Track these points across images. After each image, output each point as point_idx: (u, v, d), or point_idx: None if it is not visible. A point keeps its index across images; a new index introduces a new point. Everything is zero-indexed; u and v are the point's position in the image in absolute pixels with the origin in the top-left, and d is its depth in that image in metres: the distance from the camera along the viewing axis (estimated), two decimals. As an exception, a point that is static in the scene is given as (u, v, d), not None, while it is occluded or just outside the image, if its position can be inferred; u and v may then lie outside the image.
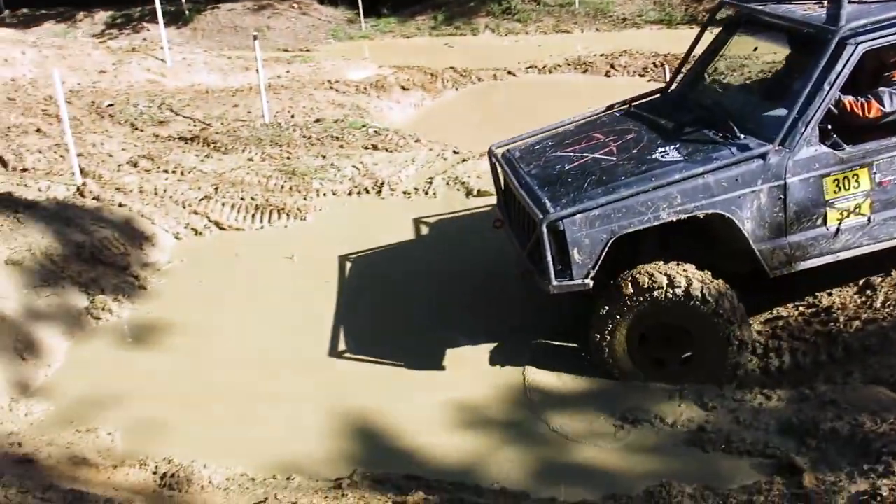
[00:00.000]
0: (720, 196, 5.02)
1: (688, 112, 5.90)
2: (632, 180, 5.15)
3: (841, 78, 5.04)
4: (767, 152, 5.02)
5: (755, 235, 5.11)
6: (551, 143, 6.13)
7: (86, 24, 19.60)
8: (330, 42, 17.77)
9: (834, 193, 5.13)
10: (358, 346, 6.01)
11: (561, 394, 5.36)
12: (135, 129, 10.36)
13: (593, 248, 5.05)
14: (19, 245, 6.74)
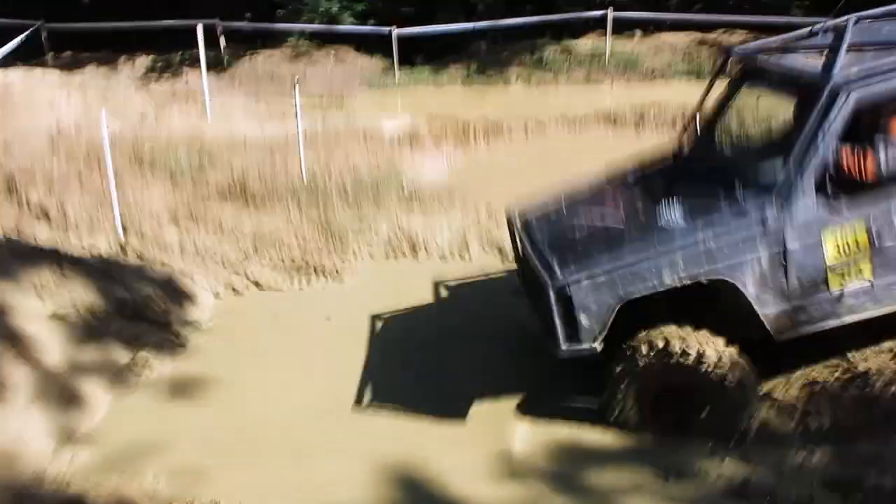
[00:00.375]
0: (722, 262, 5.09)
1: (696, 173, 5.97)
2: (637, 245, 5.23)
3: (836, 127, 5.05)
4: (766, 215, 5.06)
5: (759, 300, 5.14)
6: (565, 207, 6.23)
7: (127, 68, 20.02)
8: (364, 90, 18.03)
9: (835, 258, 5.14)
10: (394, 401, 6.13)
11: (602, 448, 5.42)
12: (174, 180, 10.55)
13: (600, 313, 5.14)
14: (64, 301, 6.92)
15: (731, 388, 5.13)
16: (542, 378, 6.16)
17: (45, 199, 9.38)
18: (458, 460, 5.37)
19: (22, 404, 5.88)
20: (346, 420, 6.00)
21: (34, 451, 5.60)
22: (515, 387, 6.14)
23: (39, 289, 6.95)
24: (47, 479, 5.24)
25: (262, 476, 5.37)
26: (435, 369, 6.54)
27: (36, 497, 4.95)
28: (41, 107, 12.13)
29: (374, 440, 5.68)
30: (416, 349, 6.86)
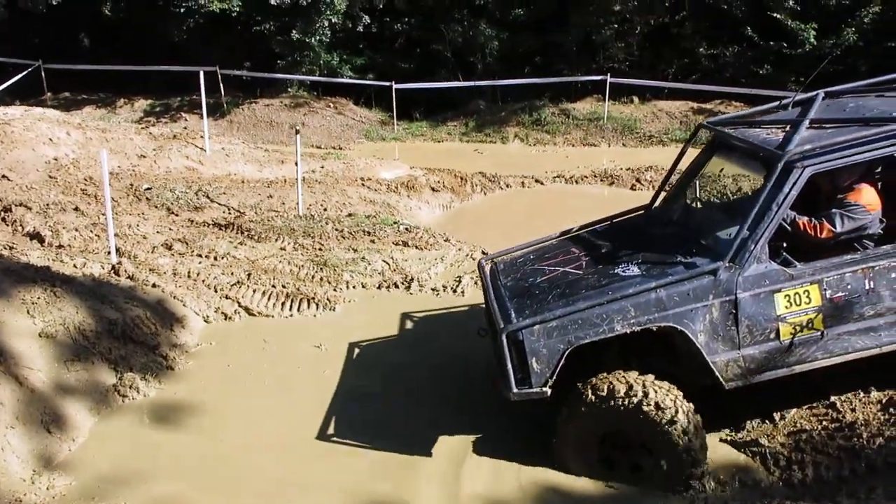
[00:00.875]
0: (672, 310, 5.21)
1: (660, 229, 6.23)
2: (591, 293, 5.39)
3: (788, 199, 5.25)
4: (718, 269, 5.19)
5: (709, 348, 5.25)
6: (532, 257, 6.47)
7: (125, 111, 20.25)
8: (362, 142, 18.25)
9: (785, 309, 5.26)
10: (376, 434, 6.03)
11: (580, 489, 5.34)
12: (171, 213, 10.57)
13: (551, 358, 5.26)
14: (54, 318, 6.82)
15: (675, 435, 5.12)
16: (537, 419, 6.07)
17: (39, 223, 9.34)
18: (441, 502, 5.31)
19: (4, 424, 5.74)
20: (328, 454, 5.88)
21: (13, 476, 5.45)
22: (506, 427, 6.06)
23: (30, 306, 6.86)
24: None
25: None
26: (424, 403, 6.45)
27: (11, 528, 4.79)
28: (40, 142, 12.18)
29: (355, 475, 5.59)
30: (404, 381, 6.78)
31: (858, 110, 5.86)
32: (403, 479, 5.54)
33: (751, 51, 18.34)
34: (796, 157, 5.27)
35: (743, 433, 5.78)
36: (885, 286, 5.31)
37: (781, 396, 5.88)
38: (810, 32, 17.22)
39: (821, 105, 6.14)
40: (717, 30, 18.89)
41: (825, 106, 6.16)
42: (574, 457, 5.41)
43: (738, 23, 18.33)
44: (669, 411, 5.12)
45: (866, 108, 5.83)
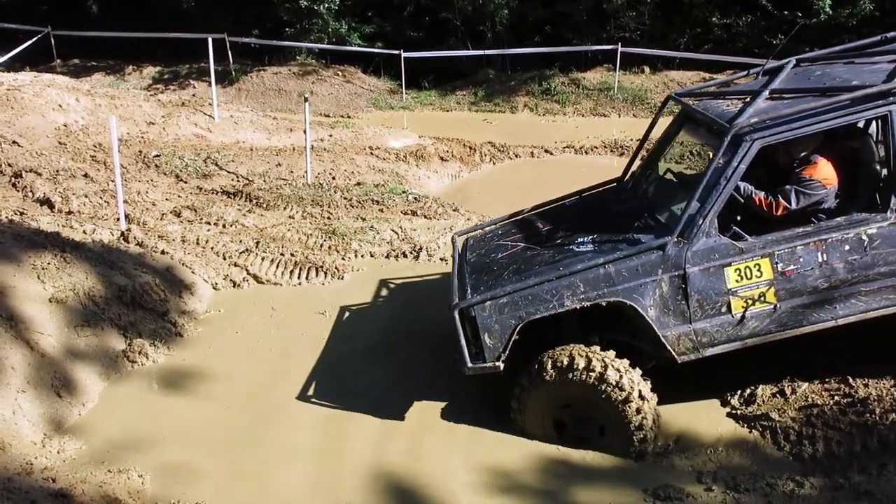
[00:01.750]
0: (621, 285, 5.25)
1: (622, 203, 6.22)
2: (543, 269, 5.46)
3: (737, 173, 5.20)
4: (666, 244, 5.20)
5: (659, 322, 5.29)
6: (501, 232, 6.58)
7: (134, 78, 20.19)
8: (371, 110, 18.17)
9: (736, 283, 5.24)
10: (382, 400, 6.09)
11: (588, 467, 5.38)
12: (179, 180, 10.58)
13: (503, 333, 5.37)
14: (64, 284, 6.85)
15: (630, 406, 5.24)
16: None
17: (49, 189, 9.36)
18: (450, 470, 5.36)
19: (16, 388, 5.80)
20: (329, 419, 5.93)
21: (24, 439, 5.52)
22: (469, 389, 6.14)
23: (40, 271, 6.89)
24: (35, 470, 5.14)
25: (243, 479, 5.32)
26: (431, 368, 6.49)
27: (23, 490, 4.83)
28: (50, 108, 12.17)
29: (359, 441, 5.65)
30: (412, 347, 6.81)
31: (822, 79, 5.75)
32: (420, 449, 5.59)
33: (764, 20, 18.11)
34: (745, 129, 5.20)
35: (753, 407, 5.76)
36: (838, 259, 5.24)
37: (793, 370, 5.87)
38: (825, 2, 16.98)
39: (788, 74, 6.05)
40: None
41: (793, 75, 6.06)
42: (530, 422, 5.54)
43: (752, -9, 18.12)
44: (625, 385, 5.23)
45: (830, 77, 5.71)
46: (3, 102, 11.62)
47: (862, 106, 5.14)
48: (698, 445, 5.52)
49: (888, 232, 5.18)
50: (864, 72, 5.62)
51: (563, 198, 6.85)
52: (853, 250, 5.21)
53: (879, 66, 5.67)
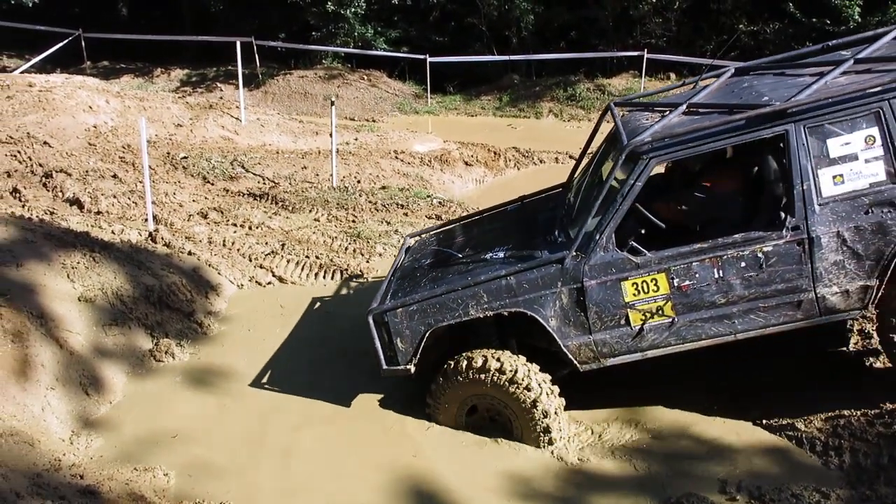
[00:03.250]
0: (523, 296, 5.42)
1: (548, 212, 6.35)
2: (453, 278, 5.70)
3: (633, 190, 5.23)
4: (565, 257, 5.33)
5: (561, 332, 5.45)
6: (442, 237, 6.84)
7: (162, 80, 20.39)
8: (396, 114, 18.23)
9: (633, 296, 5.33)
10: (406, 403, 6.14)
11: (609, 476, 5.40)
12: (206, 182, 10.67)
13: (413, 339, 5.64)
14: (93, 283, 6.96)
15: (538, 406, 5.48)
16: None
17: (79, 189, 9.48)
18: (466, 474, 5.43)
19: (45, 385, 5.90)
20: (347, 418, 6.05)
21: (52, 435, 5.62)
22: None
23: (70, 270, 7.01)
24: (64, 467, 5.24)
25: (265, 476, 5.43)
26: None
27: (52, 486, 4.92)
28: (80, 109, 12.32)
29: (380, 444, 5.75)
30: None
31: (745, 92, 5.75)
32: (438, 452, 5.65)
33: (792, 27, 17.96)
34: (642, 147, 5.24)
35: (779, 417, 5.72)
36: (734, 275, 5.26)
37: (821, 381, 5.84)
38: (854, 9, 16.80)
39: (718, 85, 6.09)
40: (758, 5, 18.50)
41: (724, 86, 6.08)
42: (444, 417, 5.81)
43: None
44: (532, 385, 5.47)
45: (753, 90, 5.70)
46: (35, 104, 11.79)
47: (758, 126, 5.15)
48: (722, 454, 5.49)
49: (784, 250, 5.19)
50: (784, 86, 5.59)
51: (512, 202, 7.07)
52: (749, 267, 5.24)
53: (802, 79, 5.62)
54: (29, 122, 11.22)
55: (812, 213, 5.11)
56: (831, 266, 5.16)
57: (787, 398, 5.84)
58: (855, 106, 5.03)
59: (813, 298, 5.24)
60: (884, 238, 5.08)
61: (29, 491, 4.71)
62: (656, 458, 5.51)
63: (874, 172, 5.06)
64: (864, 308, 5.28)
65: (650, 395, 6.08)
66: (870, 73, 5.31)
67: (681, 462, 5.44)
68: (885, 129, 5.00)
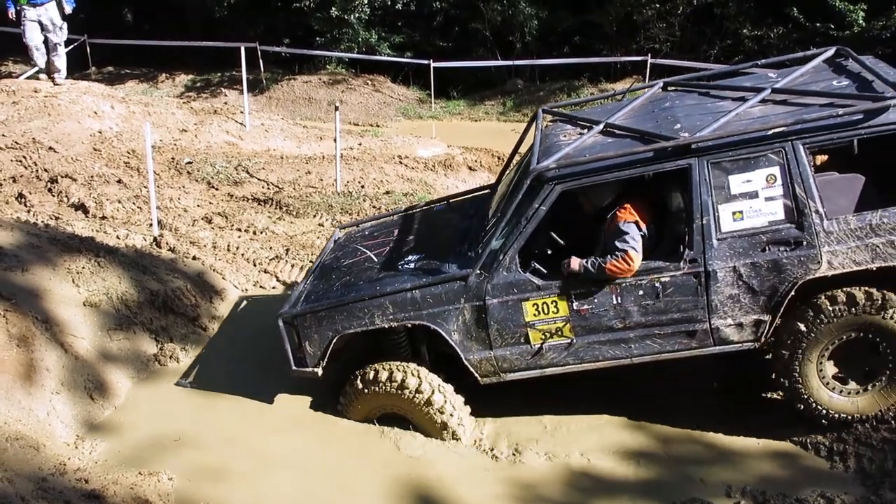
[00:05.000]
0: (427, 310, 5.57)
1: (466, 220, 6.41)
2: (363, 286, 5.84)
3: (538, 215, 5.34)
4: (469, 275, 5.44)
5: (463, 346, 5.60)
6: (366, 234, 6.95)
7: (167, 86, 20.41)
8: (399, 119, 18.24)
9: (534, 316, 5.46)
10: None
11: (615, 481, 5.42)
12: (211, 187, 10.70)
13: (321, 343, 5.79)
14: (97, 288, 6.99)
15: (439, 418, 5.69)
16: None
17: (84, 194, 9.51)
18: (473, 483, 5.36)
19: (50, 390, 5.93)
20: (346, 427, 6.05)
21: (57, 440, 5.64)
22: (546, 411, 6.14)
23: (75, 275, 7.04)
24: (69, 471, 5.26)
25: (270, 481, 5.46)
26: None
27: (57, 490, 4.95)
28: (85, 115, 12.36)
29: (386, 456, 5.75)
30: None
31: (665, 112, 5.81)
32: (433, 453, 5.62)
33: (796, 32, 17.95)
34: (548, 173, 5.32)
35: (784, 422, 5.72)
36: (632, 302, 5.39)
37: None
38: (859, 14, 16.79)
39: (640, 102, 6.14)
40: (762, 10, 18.49)
41: (646, 103, 6.12)
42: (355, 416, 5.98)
43: (784, 3, 17.95)
44: (425, 392, 5.65)
45: (670, 114, 5.75)
46: (41, 109, 11.83)
47: (663, 159, 5.21)
48: (727, 459, 5.49)
49: (681, 281, 5.29)
50: (700, 111, 5.65)
51: (438, 201, 7.19)
52: (647, 295, 5.35)
53: (722, 104, 5.69)
54: (34, 127, 11.26)
55: (710, 247, 5.22)
56: (726, 299, 5.28)
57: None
58: (758, 145, 5.10)
59: (707, 329, 5.38)
60: (779, 276, 5.19)
61: (34, 495, 4.73)
62: (662, 463, 5.51)
63: (773, 211, 5.17)
64: (757, 341, 5.38)
65: (656, 399, 6.08)
66: (785, 104, 5.39)
67: (686, 466, 5.46)
68: (786, 169, 5.09)
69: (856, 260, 5.10)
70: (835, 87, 5.49)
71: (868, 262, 5.10)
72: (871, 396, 5.41)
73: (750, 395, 6.07)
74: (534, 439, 5.84)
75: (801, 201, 5.10)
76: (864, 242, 5.07)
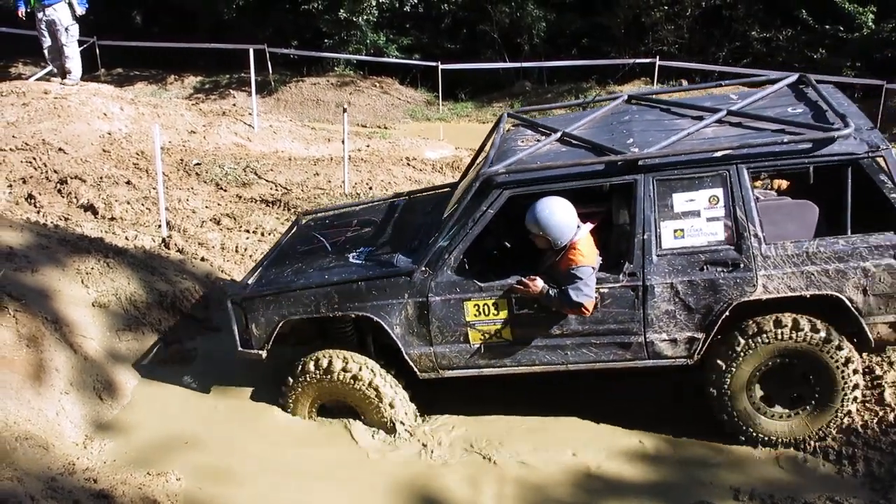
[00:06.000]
0: (371, 302, 5.66)
1: (420, 216, 6.47)
2: (312, 274, 5.93)
3: (484, 218, 5.42)
4: (414, 271, 5.54)
5: (404, 340, 5.69)
6: (327, 222, 7.05)
7: (176, 87, 20.53)
8: (407, 121, 18.30)
9: (474, 316, 5.54)
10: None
11: (622, 482, 5.42)
12: (219, 188, 10.73)
13: (267, 327, 5.89)
14: (106, 289, 7.02)
15: (377, 398, 5.79)
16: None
17: (93, 195, 9.56)
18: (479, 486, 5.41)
19: (59, 390, 5.96)
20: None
21: (66, 439, 5.67)
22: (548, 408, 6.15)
23: (84, 276, 7.07)
24: (78, 470, 5.29)
25: (276, 483, 5.49)
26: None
27: (66, 489, 4.98)
28: (95, 116, 12.40)
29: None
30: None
31: (619, 128, 5.86)
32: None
33: (805, 34, 17.93)
34: (497, 178, 5.39)
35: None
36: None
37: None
38: (868, 15, 16.76)
39: (601, 113, 6.21)
40: (771, 12, 18.48)
41: (608, 115, 6.20)
42: (296, 409, 6.07)
43: (793, 5, 17.91)
44: (367, 379, 5.75)
45: (626, 128, 5.81)
46: (51, 110, 11.88)
47: (611, 173, 5.29)
48: (735, 462, 5.49)
49: (619, 294, 5.36)
50: (656, 128, 5.70)
51: (401, 195, 7.28)
52: None
53: (679, 122, 5.74)
54: (44, 128, 11.31)
55: (650, 262, 5.29)
56: (662, 314, 5.35)
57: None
58: (703, 166, 5.16)
59: (642, 342, 5.45)
60: (714, 295, 5.26)
61: (44, 494, 4.76)
62: (670, 465, 5.51)
63: (713, 232, 5.24)
64: (690, 358, 5.46)
65: (662, 402, 6.09)
66: (739, 126, 5.46)
67: (694, 469, 5.45)
68: (729, 191, 5.15)
69: (790, 286, 5.19)
70: (789, 113, 5.56)
71: (802, 289, 5.18)
72: (798, 421, 5.49)
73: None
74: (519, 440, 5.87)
75: (742, 224, 5.17)
76: (799, 269, 5.15)
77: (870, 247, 5.10)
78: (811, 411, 5.45)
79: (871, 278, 5.12)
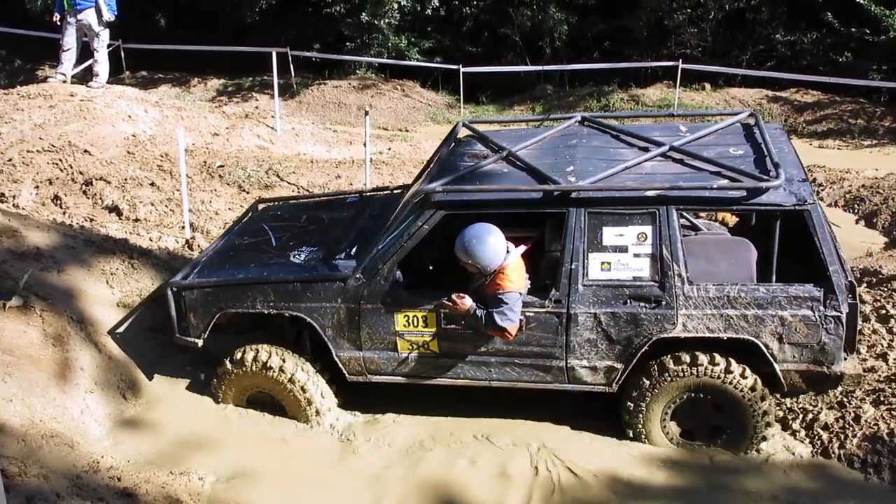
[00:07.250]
0: (305, 303, 5.79)
1: (367, 219, 6.54)
2: (253, 268, 6.07)
3: (419, 234, 5.52)
4: (348, 277, 5.65)
5: (335, 343, 5.84)
6: (276, 215, 7.14)
7: (199, 90, 20.67)
8: (429, 124, 18.32)
9: (403, 327, 5.67)
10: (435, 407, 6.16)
11: (639, 486, 5.41)
12: (242, 190, 10.80)
13: (205, 317, 6.04)
14: (131, 289, 7.09)
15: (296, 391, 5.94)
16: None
17: (118, 197, 9.64)
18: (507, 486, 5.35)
19: (84, 388, 6.02)
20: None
21: (90, 438, 5.74)
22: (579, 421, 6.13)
23: (109, 276, 7.14)
24: (102, 468, 5.34)
25: (298, 483, 5.54)
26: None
27: (91, 487, 5.03)
28: (119, 119, 12.49)
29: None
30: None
31: (563, 152, 5.90)
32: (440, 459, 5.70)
33: (830, 37, 17.78)
34: (434, 196, 5.48)
35: (816, 432, 5.71)
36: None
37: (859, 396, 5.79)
38: (894, 18, 16.59)
39: (553, 133, 6.27)
40: (795, 15, 18.33)
41: (557, 136, 6.25)
42: (230, 398, 6.25)
43: (818, 8, 17.76)
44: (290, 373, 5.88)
45: (570, 154, 5.86)
46: (77, 113, 11.99)
47: (544, 201, 5.37)
48: (759, 468, 5.46)
49: (543, 319, 5.48)
50: (599, 157, 5.78)
51: (353, 192, 7.40)
52: None
53: (623, 152, 5.80)
54: (70, 130, 11.41)
55: (575, 291, 5.40)
56: (584, 342, 5.49)
57: (825, 413, 5.79)
58: (632, 204, 5.22)
59: (563, 367, 5.59)
60: (636, 329, 5.39)
61: (69, 492, 4.81)
62: (692, 470, 5.47)
63: (639, 267, 5.34)
64: (608, 386, 5.61)
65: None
66: (680, 164, 5.60)
67: (716, 474, 5.42)
68: (658, 230, 5.22)
69: (709, 327, 5.30)
70: (730, 154, 5.62)
71: (720, 331, 5.30)
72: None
73: (780, 402, 6.00)
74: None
75: (667, 263, 5.26)
76: (719, 312, 5.26)
77: (789, 297, 5.18)
78: (727, 440, 5.59)
79: (787, 327, 5.21)
